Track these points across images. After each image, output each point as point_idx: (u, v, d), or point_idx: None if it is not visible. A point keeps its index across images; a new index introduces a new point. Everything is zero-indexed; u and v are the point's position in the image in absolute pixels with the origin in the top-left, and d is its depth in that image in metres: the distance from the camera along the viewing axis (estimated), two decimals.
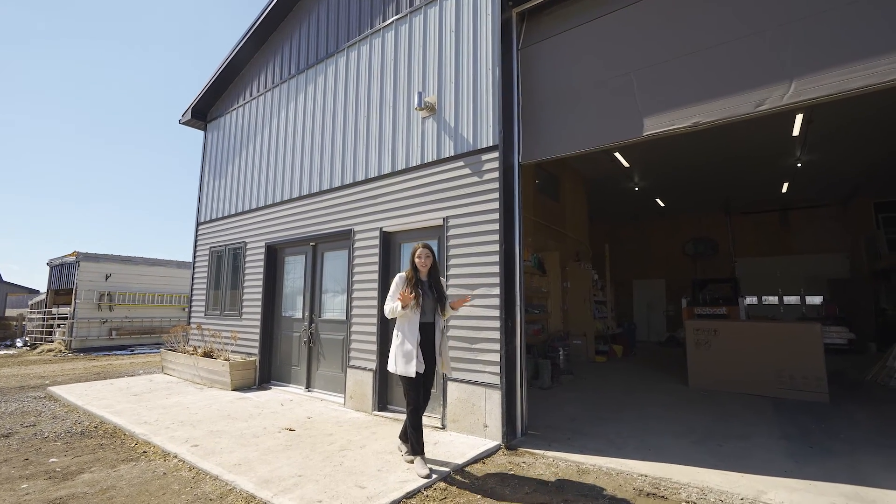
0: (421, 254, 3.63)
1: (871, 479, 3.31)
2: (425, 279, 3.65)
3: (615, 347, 10.47)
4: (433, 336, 3.61)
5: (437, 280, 3.70)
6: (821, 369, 5.95)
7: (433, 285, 3.66)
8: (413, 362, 3.42)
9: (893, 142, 8.84)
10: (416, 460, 3.51)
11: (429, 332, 3.59)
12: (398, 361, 3.48)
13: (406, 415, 3.61)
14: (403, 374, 3.46)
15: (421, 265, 3.62)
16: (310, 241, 6.79)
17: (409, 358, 3.44)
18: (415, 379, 3.47)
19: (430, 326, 3.61)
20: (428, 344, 3.57)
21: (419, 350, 3.47)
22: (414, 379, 3.47)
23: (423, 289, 3.58)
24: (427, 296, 3.59)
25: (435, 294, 3.64)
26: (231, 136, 8.79)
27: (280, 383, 7.00)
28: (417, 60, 5.62)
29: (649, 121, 3.91)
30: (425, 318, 3.57)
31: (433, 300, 3.62)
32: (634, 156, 9.80)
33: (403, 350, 3.48)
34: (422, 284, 3.61)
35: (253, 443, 4.22)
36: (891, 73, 2.96)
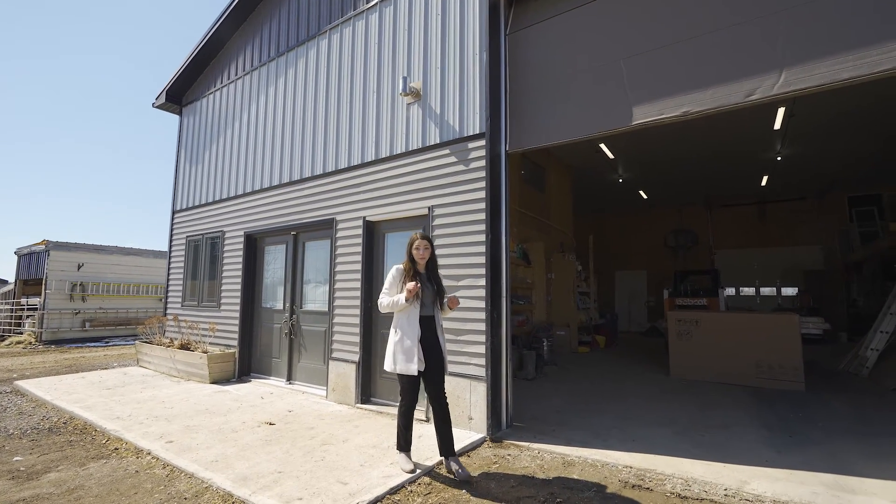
0: (419, 245, 3.43)
1: (849, 468, 3.37)
2: (423, 272, 3.47)
3: (598, 338, 10.58)
4: (435, 330, 3.42)
5: (435, 272, 3.52)
6: (798, 359, 6.08)
7: (431, 277, 3.48)
8: (414, 359, 3.22)
9: (870, 138, 9.05)
10: (401, 456, 3.41)
11: (430, 326, 3.39)
12: (397, 359, 3.27)
13: (398, 412, 3.43)
14: (404, 373, 3.26)
15: (419, 257, 3.42)
16: (291, 230, 6.60)
17: (409, 355, 3.24)
18: (415, 377, 3.29)
19: (430, 320, 3.41)
20: (430, 339, 3.36)
21: (419, 346, 3.28)
22: (414, 377, 3.29)
23: (421, 280, 3.39)
24: (426, 288, 3.40)
25: (434, 286, 3.45)
26: (208, 120, 8.47)
27: (260, 376, 6.84)
28: (402, 44, 5.45)
29: (638, 109, 3.85)
30: (425, 311, 3.38)
31: (433, 293, 3.43)
32: (619, 147, 9.80)
33: (403, 346, 3.27)
34: (420, 277, 3.41)
35: (231, 438, 4.08)
36: (880, 64, 2.94)
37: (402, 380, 3.34)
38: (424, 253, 3.44)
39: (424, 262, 3.47)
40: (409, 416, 3.40)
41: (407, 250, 3.49)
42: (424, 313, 3.39)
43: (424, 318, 3.38)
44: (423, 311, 3.38)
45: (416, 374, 3.26)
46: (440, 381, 3.42)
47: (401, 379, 3.34)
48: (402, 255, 5.31)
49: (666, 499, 2.92)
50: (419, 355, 3.27)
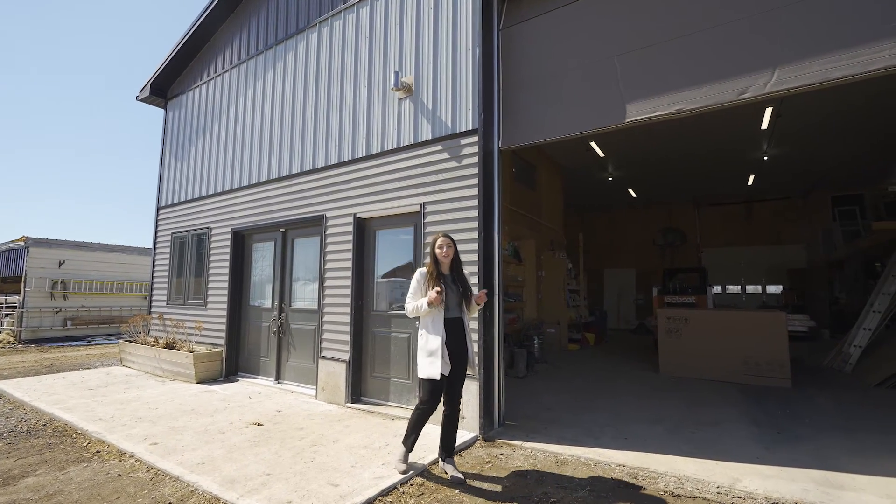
0: (442, 244, 3.32)
1: (837, 464, 3.41)
2: (447, 272, 3.36)
3: (587, 335, 10.62)
4: (461, 333, 3.31)
5: (460, 272, 3.40)
6: (784, 356, 6.16)
7: (456, 278, 3.37)
8: (438, 363, 3.11)
9: (853, 140, 9.20)
10: (401, 453, 3.32)
11: (456, 328, 3.29)
12: (422, 362, 3.19)
13: (413, 411, 3.29)
14: (428, 377, 3.14)
15: (443, 257, 3.32)
16: (279, 226, 6.49)
17: (434, 358, 3.13)
18: (439, 381, 3.16)
19: (456, 322, 3.30)
20: (456, 342, 3.26)
21: (445, 349, 3.17)
22: (438, 381, 3.16)
23: (445, 282, 3.28)
24: (451, 290, 3.30)
25: (459, 288, 3.34)
26: (194, 114, 8.28)
27: (248, 375, 6.72)
28: (394, 38, 5.37)
29: (632, 107, 3.84)
30: (450, 313, 3.27)
31: (458, 294, 3.32)
32: (610, 145, 9.83)
33: (428, 349, 3.17)
34: (444, 278, 3.31)
35: (218, 439, 3.99)
36: (872, 64, 2.96)
37: (425, 383, 3.22)
38: (448, 251, 3.33)
39: (449, 262, 3.36)
40: (423, 419, 3.26)
41: (430, 251, 3.39)
42: (450, 315, 3.27)
43: (450, 321, 3.27)
44: (449, 313, 3.28)
45: (439, 378, 3.13)
46: (461, 383, 3.34)
47: (424, 382, 3.23)
48: (393, 253, 5.33)
49: (660, 497, 2.92)
50: (445, 359, 3.16)
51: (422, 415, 3.24)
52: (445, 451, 3.35)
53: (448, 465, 3.29)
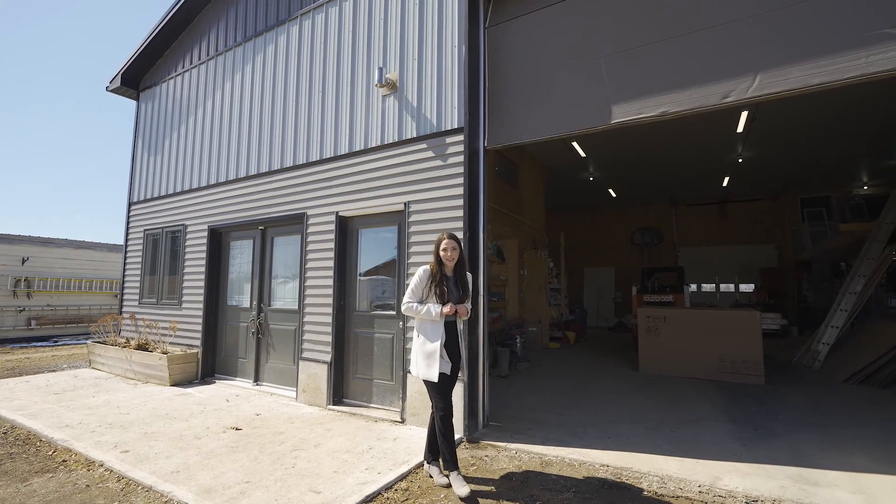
0: (447, 246, 3.22)
1: (810, 460, 3.51)
2: (450, 274, 3.28)
3: (568, 334, 10.73)
4: (456, 335, 3.26)
5: (462, 275, 3.31)
6: (759, 354, 6.34)
7: (458, 281, 3.28)
8: (436, 364, 3.06)
9: (823, 145, 9.54)
10: (453, 477, 3.05)
11: (452, 330, 3.23)
12: (419, 364, 3.13)
13: (434, 426, 3.18)
14: (426, 378, 3.10)
15: (447, 259, 3.22)
16: (258, 224, 6.31)
17: (432, 360, 3.08)
18: (439, 382, 3.11)
19: (452, 325, 3.25)
20: (451, 344, 3.21)
21: (444, 351, 3.12)
22: (438, 383, 3.11)
23: (448, 285, 3.20)
24: (452, 293, 3.21)
25: (460, 291, 3.27)
26: (168, 107, 7.98)
27: (225, 377, 6.53)
28: (378, 33, 5.27)
29: (617, 108, 3.85)
30: (449, 316, 3.21)
31: (458, 297, 3.24)
32: (591, 146, 9.93)
33: (426, 351, 3.12)
34: (447, 280, 3.23)
35: (194, 445, 3.85)
36: (849, 71, 3.04)
37: (428, 386, 3.17)
38: (453, 254, 3.24)
39: (452, 265, 3.28)
40: (448, 423, 3.12)
41: (434, 251, 3.30)
42: (448, 318, 3.22)
43: (450, 324, 3.22)
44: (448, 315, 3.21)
45: (436, 379, 3.07)
46: (452, 385, 3.27)
47: (427, 385, 3.18)
48: (377, 252, 5.25)
49: (644, 497, 2.94)
50: (446, 358, 3.12)
51: (444, 421, 3.10)
52: (432, 453, 3.29)
53: (434, 467, 3.25)
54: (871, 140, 9.25)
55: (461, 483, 3.01)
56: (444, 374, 3.11)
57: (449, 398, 3.16)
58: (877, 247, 7.83)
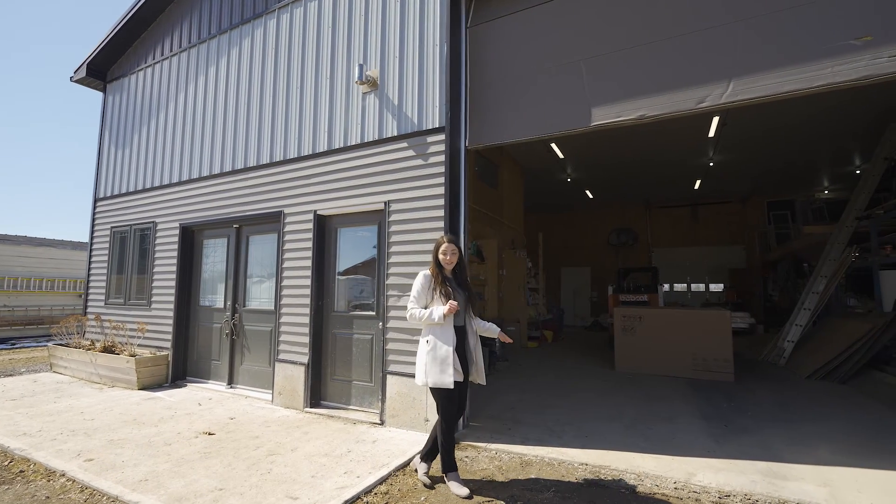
0: (447, 250, 3.17)
1: (778, 454, 3.63)
2: (450, 276, 3.22)
3: (546, 333, 10.85)
4: (468, 339, 3.18)
5: (464, 278, 3.26)
6: (729, 352, 6.54)
7: (461, 283, 3.23)
8: (450, 370, 2.95)
9: (789, 150, 9.94)
10: (450, 478, 3.07)
11: (463, 335, 3.17)
12: (430, 370, 2.99)
13: (436, 431, 3.14)
14: (438, 386, 2.98)
15: (447, 262, 3.16)
16: (233, 222, 6.14)
17: (444, 366, 2.96)
18: (452, 390, 3.01)
19: (462, 330, 3.18)
20: (462, 348, 3.14)
21: (455, 356, 3.02)
22: (451, 390, 3.01)
23: (452, 287, 3.14)
24: (459, 293, 3.15)
25: (465, 293, 3.20)
26: (138, 99, 7.68)
27: (198, 380, 6.33)
28: (358, 30, 5.19)
29: (597, 111, 3.90)
30: (458, 320, 3.14)
31: (464, 300, 3.17)
32: (569, 148, 10.06)
33: (438, 356, 3.00)
34: (450, 282, 3.17)
35: (164, 452, 3.70)
36: (816, 80, 3.15)
37: (437, 394, 3.07)
38: (452, 258, 3.18)
39: (452, 268, 3.22)
40: (450, 432, 3.10)
41: (433, 254, 3.23)
42: (457, 322, 3.15)
43: (459, 328, 3.15)
44: (457, 320, 3.14)
45: (452, 386, 2.98)
46: (466, 394, 3.21)
47: (435, 393, 3.07)
48: (356, 251, 5.17)
49: (621, 495, 2.99)
50: (457, 366, 3.02)
51: (447, 431, 3.07)
52: (430, 455, 3.25)
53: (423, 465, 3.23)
54: (832, 147, 9.70)
55: (459, 484, 3.02)
56: (456, 382, 3.01)
57: (455, 405, 3.10)
58: (837, 248, 8.20)
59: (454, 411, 3.10)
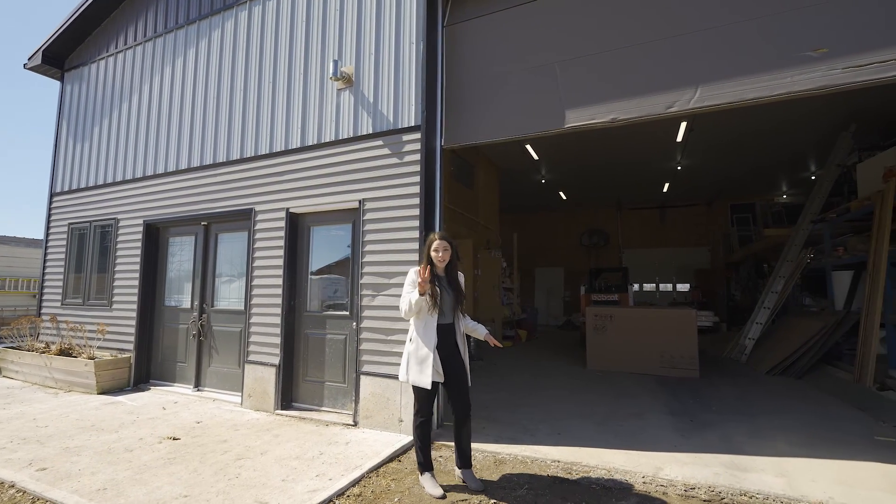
0: (439, 247, 3.12)
1: (740, 447, 3.79)
2: (442, 275, 3.18)
3: (520, 332, 10.98)
4: (455, 339, 3.16)
5: (454, 277, 3.20)
6: (694, 350, 6.78)
7: (451, 282, 3.18)
8: (429, 371, 2.95)
9: (751, 156, 10.39)
10: (425, 477, 3.08)
11: (449, 335, 3.14)
12: (411, 369, 3.03)
13: (413, 429, 3.14)
14: (415, 384, 3.01)
15: (439, 259, 3.11)
16: (201, 220, 5.93)
17: (423, 366, 2.97)
18: (430, 390, 3.01)
19: (449, 329, 3.14)
20: (449, 349, 3.11)
21: (437, 356, 3.01)
22: (429, 390, 3.01)
23: (441, 285, 3.11)
24: (446, 293, 3.12)
25: (454, 292, 3.16)
26: (99, 90, 7.33)
27: (162, 383, 6.09)
28: (333, 25, 5.11)
29: (571, 113, 3.97)
30: (444, 318, 3.10)
31: (452, 299, 3.14)
32: (544, 149, 10.20)
33: (418, 356, 3.01)
34: (439, 280, 3.13)
35: (124, 459, 3.54)
36: (777, 88, 3.30)
37: (416, 392, 3.08)
38: (444, 255, 3.13)
39: (444, 266, 3.17)
40: (424, 431, 3.11)
41: (425, 252, 3.18)
42: (443, 321, 3.11)
43: (443, 327, 3.11)
44: (442, 318, 3.10)
45: (428, 387, 2.97)
46: (465, 391, 3.16)
47: (415, 391, 3.08)
48: (330, 250, 5.09)
49: (592, 491, 3.04)
50: (436, 367, 2.99)
51: (420, 427, 3.08)
52: (462, 460, 3.19)
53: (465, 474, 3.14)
54: (790, 154, 10.19)
55: (433, 485, 3.02)
56: (435, 382, 3.00)
57: (431, 405, 3.11)
58: (794, 250, 8.61)
59: (430, 409, 3.10)
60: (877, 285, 5.73)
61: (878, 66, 3.06)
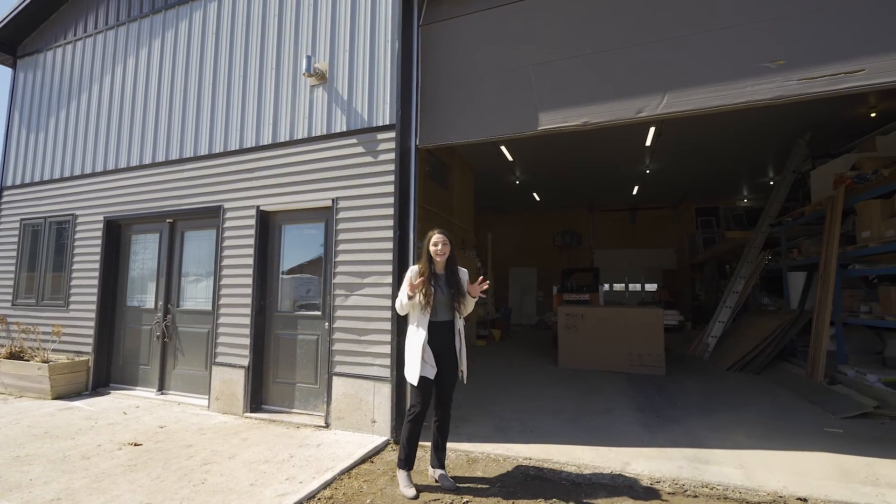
0: (437, 241, 3.10)
1: (702, 441, 3.94)
2: (442, 272, 3.16)
3: (494, 332, 11.08)
4: (451, 337, 3.15)
5: (454, 273, 3.17)
6: (661, 347, 7.01)
7: (450, 279, 3.16)
8: (418, 366, 2.96)
9: (715, 161, 10.82)
10: (401, 474, 3.08)
11: (444, 332, 3.12)
12: (405, 365, 3.11)
13: (404, 421, 3.13)
14: (407, 379, 3.08)
15: (438, 254, 3.09)
16: (167, 217, 5.72)
17: (413, 361, 3.00)
18: (425, 384, 3.02)
19: (444, 326, 3.12)
20: (443, 346, 3.10)
21: (428, 351, 3.02)
22: (424, 384, 3.01)
23: (437, 283, 3.11)
24: (441, 291, 3.10)
25: (452, 290, 3.13)
26: (56, 78, 6.95)
27: (123, 387, 5.84)
28: (307, 20, 5.02)
29: (544, 116, 4.03)
30: (437, 316, 3.09)
31: (449, 296, 3.11)
32: (518, 151, 10.33)
33: (409, 352, 3.08)
34: (437, 278, 3.12)
35: (81, 467, 3.38)
36: (738, 97, 3.45)
37: (411, 388, 3.11)
38: (444, 249, 3.10)
39: (444, 262, 3.14)
40: (414, 427, 3.08)
41: (424, 248, 3.15)
42: (439, 318, 3.10)
43: (440, 324, 3.10)
44: (437, 315, 3.09)
45: (415, 382, 2.99)
46: (451, 388, 3.18)
47: (410, 387, 3.12)
48: (302, 249, 5.00)
49: (562, 487, 3.11)
50: (430, 362, 3.01)
51: (412, 422, 3.06)
52: (438, 461, 3.19)
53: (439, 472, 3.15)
54: (750, 161, 10.68)
55: (407, 485, 3.01)
56: (425, 377, 3.00)
57: (427, 401, 3.07)
58: (753, 252, 9.02)
59: (425, 403, 3.07)
60: (827, 286, 6.07)
61: (829, 79, 3.24)
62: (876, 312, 5.59)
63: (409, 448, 3.10)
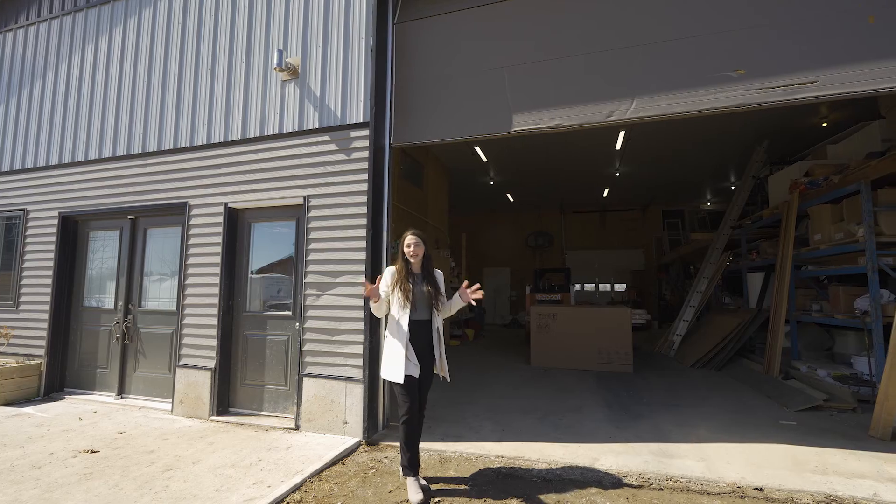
0: (410, 242, 3.13)
1: (668, 436, 4.07)
2: (419, 272, 3.19)
3: (467, 331, 11.13)
4: (429, 335, 3.16)
5: (430, 272, 3.21)
6: (629, 346, 7.20)
7: (426, 278, 3.18)
8: (401, 365, 2.95)
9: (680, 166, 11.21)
10: (409, 482, 3.00)
11: (422, 330, 3.13)
12: (386, 364, 3.06)
13: (399, 425, 3.04)
14: (388, 379, 3.03)
15: (411, 256, 3.12)
16: (128, 213, 5.48)
17: (396, 361, 2.98)
18: (410, 383, 3.00)
19: (423, 325, 3.14)
20: (422, 344, 3.11)
21: (410, 350, 3.02)
22: (409, 383, 3.00)
23: (415, 282, 3.12)
24: (419, 290, 3.12)
25: (429, 288, 3.15)
26: (6, 65, 6.54)
27: (79, 391, 5.56)
28: (278, 12, 4.90)
29: (518, 117, 4.08)
30: (417, 315, 3.10)
31: (427, 295, 3.13)
32: (492, 152, 10.41)
33: (390, 352, 3.04)
34: (414, 277, 3.14)
35: (31, 477, 3.19)
36: (703, 104, 3.59)
37: (395, 388, 3.06)
38: (416, 250, 3.12)
39: (419, 262, 3.16)
40: (410, 428, 3.01)
41: (399, 250, 3.16)
42: (417, 317, 3.10)
43: (419, 322, 3.10)
44: (416, 314, 3.09)
45: (400, 381, 2.96)
46: (427, 389, 3.20)
47: (394, 388, 3.07)
48: (272, 247, 4.88)
49: (534, 484, 3.15)
50: (413, 360, 3.02)
51: (408, 423, 3.00)
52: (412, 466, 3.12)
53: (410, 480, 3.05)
54: (713, 166, 11.13)
55: (416, 489, 2.93)
56: (410, 376, 2.99)
57: (415, 399, 3.04)
58: (716, 253, 9.39)
59: (414, 404, 3.04)
60: (783, 286, 6.38)
61: (785, 89, 3.41)
62: (826, 311, 5.92)
63: (411, 451, 3.04)
